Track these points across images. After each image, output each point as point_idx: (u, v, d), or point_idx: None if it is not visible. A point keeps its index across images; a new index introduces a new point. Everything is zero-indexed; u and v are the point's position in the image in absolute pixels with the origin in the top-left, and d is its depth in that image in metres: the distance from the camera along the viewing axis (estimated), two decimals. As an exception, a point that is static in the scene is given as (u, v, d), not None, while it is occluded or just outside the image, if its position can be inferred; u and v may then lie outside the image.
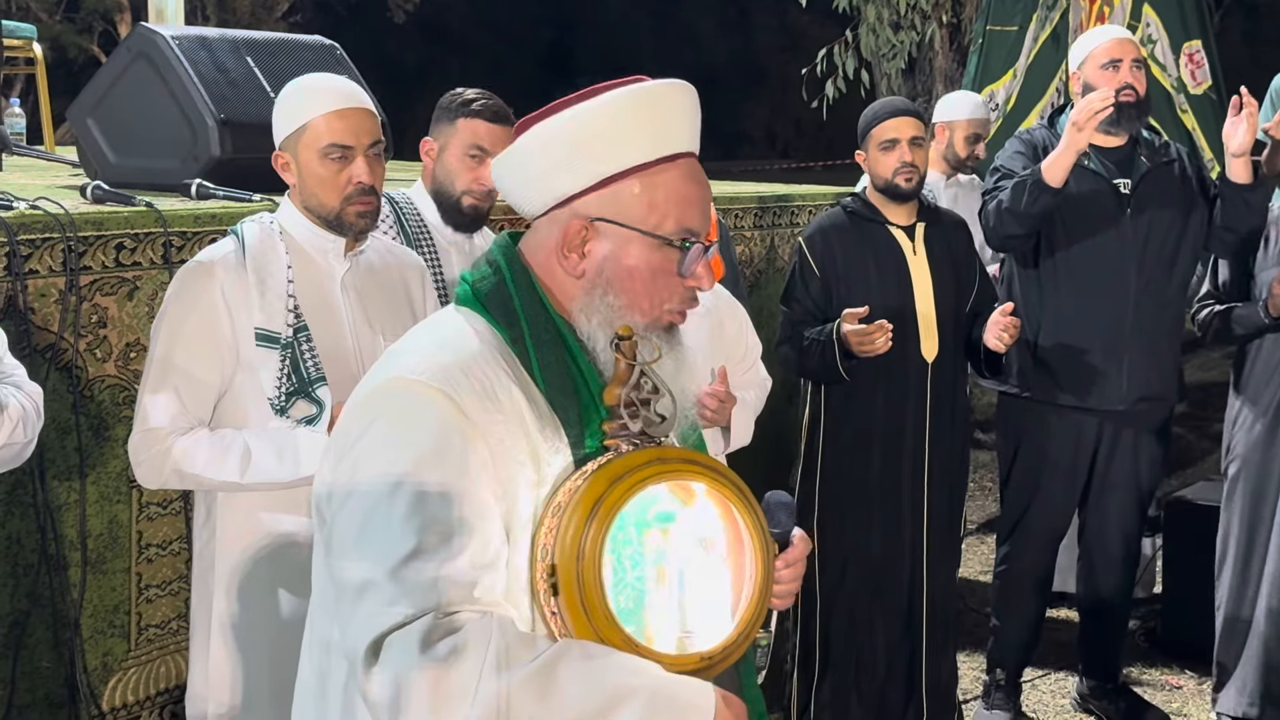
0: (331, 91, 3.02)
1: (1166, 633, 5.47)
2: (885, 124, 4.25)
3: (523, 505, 1.80)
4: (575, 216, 1.88)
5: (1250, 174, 4.42)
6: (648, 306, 1.89)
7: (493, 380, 1.83)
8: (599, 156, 1.87)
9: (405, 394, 1.80)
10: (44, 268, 3.37)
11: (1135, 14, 7.22)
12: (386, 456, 1.78)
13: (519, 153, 1.93)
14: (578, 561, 1.74)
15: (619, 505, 1.76)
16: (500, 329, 1.89)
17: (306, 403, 2.93)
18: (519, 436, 1.81)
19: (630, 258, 1.88)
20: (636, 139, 1.88)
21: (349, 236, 3.06)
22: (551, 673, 1.68)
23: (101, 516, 3.53)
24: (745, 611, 1.87)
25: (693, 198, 1.91)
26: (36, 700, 3.42)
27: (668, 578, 1.85)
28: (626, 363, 1.87)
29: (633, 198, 1.87)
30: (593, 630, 1.74)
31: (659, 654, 1.78)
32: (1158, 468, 4.81)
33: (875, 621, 4.37)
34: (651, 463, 1.81)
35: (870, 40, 9.97)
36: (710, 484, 1.86)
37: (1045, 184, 4.30)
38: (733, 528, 1.89)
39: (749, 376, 3.83)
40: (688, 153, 1.93)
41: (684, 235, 1.89)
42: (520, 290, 1.90)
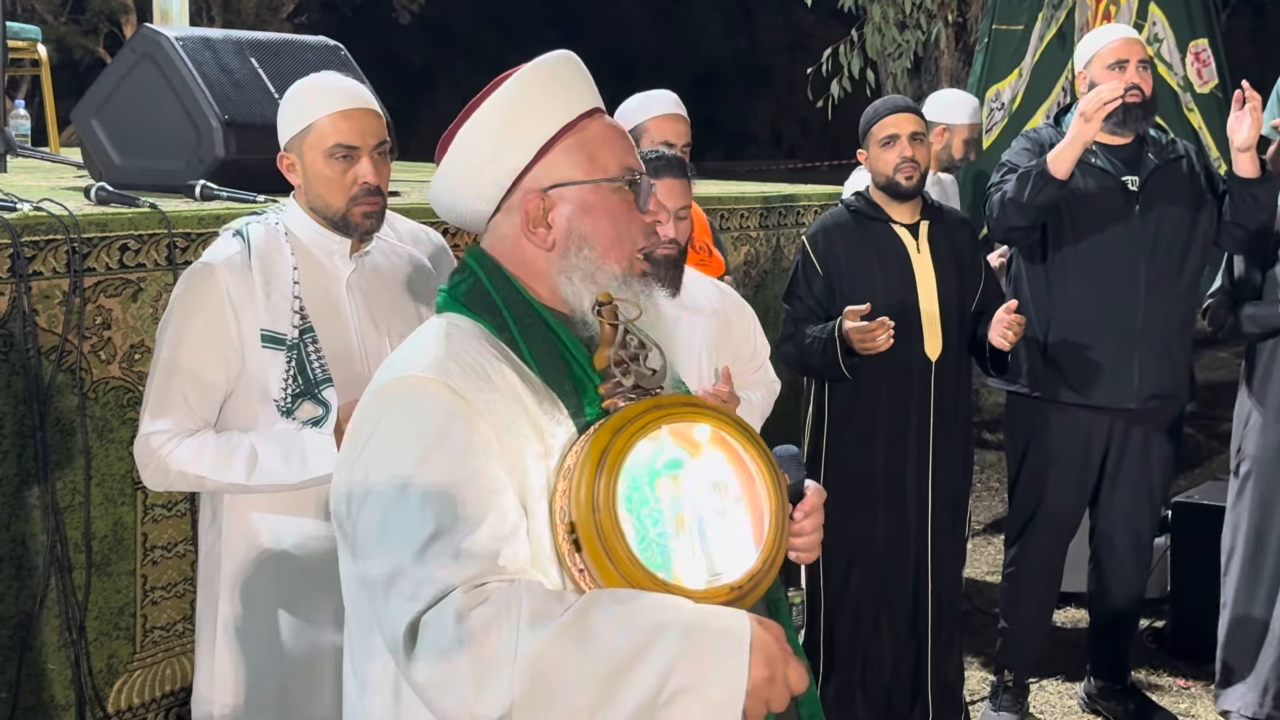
0: (336, 92, 3.02)
1: (1174, 633, 5.46)
2: (885, 120, 4.25)
3: (533, 477, 1.86)
4: (528, 193, 1.99)
5: (1257, 168, 4.41)
6: (620, 251, 1.99)
7: (484, 365, 1.90)
8: (524, 133, 1.99)
9: (404, 390, 1.88)
10: (48, 269, 3.37)
11: (1142, 13, 7.21)
12: (395, 452, 1.84)
13: (450, 164, 2.05)
14: (594, 513, 1.79)
15: (624, 452, 1.82)
16: (484, 322, 1.98)
17: (312, 404, 2.93)
18: (518, 412, 1.88)
19: (592, 209, 1.99)
20: (550, 106, 2.00)
21: (355, 237, 3.05)
22: (585, 620, 1.72)
23: (106, 518, 3.53)
24: (766, 540, 1.91)
25: (622, 141, 2.04)
26: (42, 703, 3.41)
27: (687, 524, 1.89)
28: (609, 324, 1.95)
29: (571, 156, 1.99)
30: (620, 577, 1.78)
31: (689, 590, 1.82)
32: (1169, 466, 4.79)
33: (880, 619, 4.36)
34: (650, 410, 1.88)
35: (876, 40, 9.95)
36: (713, 423, 1.93)
37: (1050, 175, 4.29)
38: (741, 468, 1.94)
39: (757, 377, 3.82)
40: (597, 109, 2.05)
41: (628, 173, 2.01)
42: (496, 283, 1.99)
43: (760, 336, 3.84)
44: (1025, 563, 4.77)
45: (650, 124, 4.43)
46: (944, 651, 4.44)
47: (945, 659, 4.45)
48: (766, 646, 1.76)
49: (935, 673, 4.41)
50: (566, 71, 2.04)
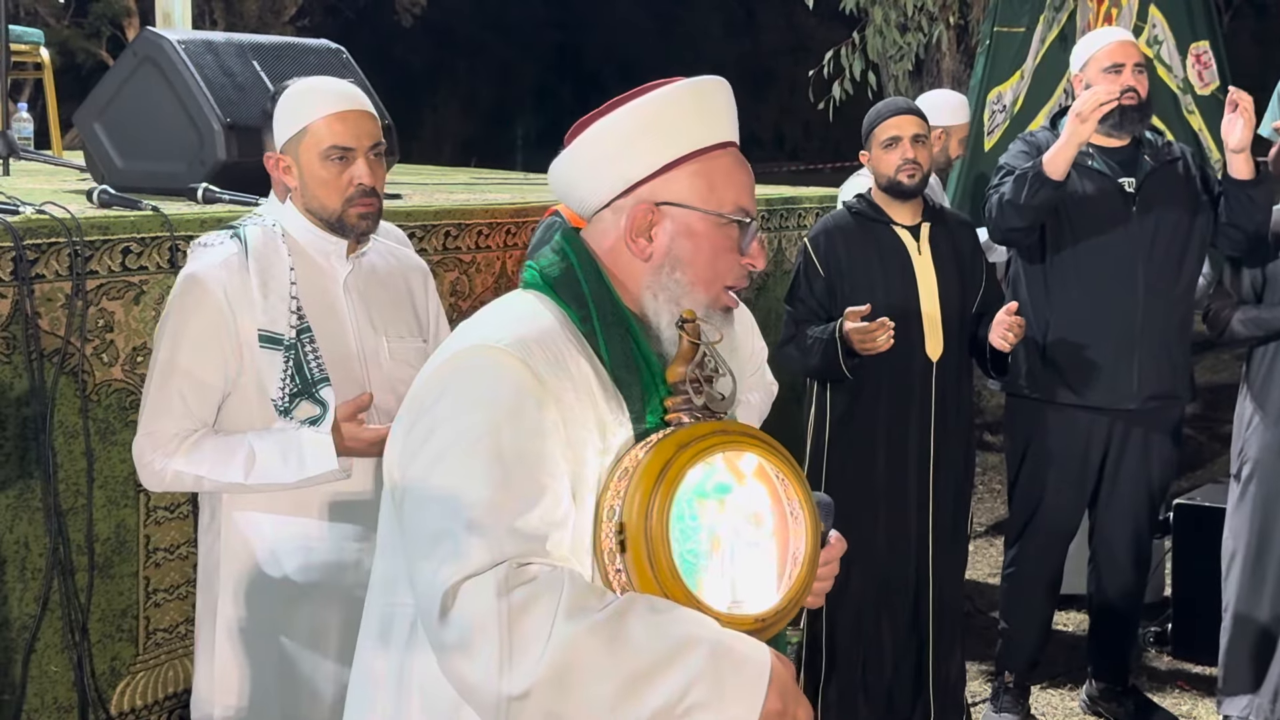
0: (331, 94, 3.03)
1: (1176, 635, 5.46)
2: (887, 122, 4.26)
3: (589, 470, 1.90)
4: (640, 202, 2.00)
5: (1252, 170, 4.43)
6: (709, 283, 2.01)
7: (563, 352, 1.93)
8: (658, 144, 2.00)
9: (482, 358, 1.90)
10: (50, 272, 3.38)
11: (1142, 15, 7.20)
12: (463, 415, 1.87)
13: (579, 150, 2.06)
14: (645, 520, 1.82)
15: (685, 469, 1.85)
16: (569, 310, 1.99)
17: (310, 403, 2.94)
18: (587, 405, 1.91)
19: (696, 236, 2.00)
20: (691, 127, 2.01)
21: (351, 238, 3.06)
22: (620, 621, 1.76)
23: (109, 521, 3.53)
24: (796, 580, 1.95)
25: (744, 180, 2.05)
26: (45, 704, 3.42)
27: (721, 548, 1.93)
28: (690, 341, 1.98)
29: (693, 181, 2.00)
30: (658, 586, 1.82)
31: (718, 613, 1.86)
32: (1169, 467, 4.80)
33: (882, 621, 4.37)
34: (714, 433, 1.91)
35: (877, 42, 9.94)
36: (768, 457, 1.95)
37: (1046, 176, 4.30)
38: (778, 505, 1.97)
39: (755, 380, 3.82)
40: (733, 142, 2.07)
41: (742, 213, 2.02)
42: (588, 276, 2.01)
43: (758, 339, 3.85)
44: (1025, 564, 4.78)
45: None
46: (945, 653, 4.44)
47: (947, 660, 4.45)
48: (783, 681, 1.83)
49: (936, 674, 4.42)
50: (715, 98, 2.05)
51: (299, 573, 2.99)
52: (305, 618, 3.00)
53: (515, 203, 4.74)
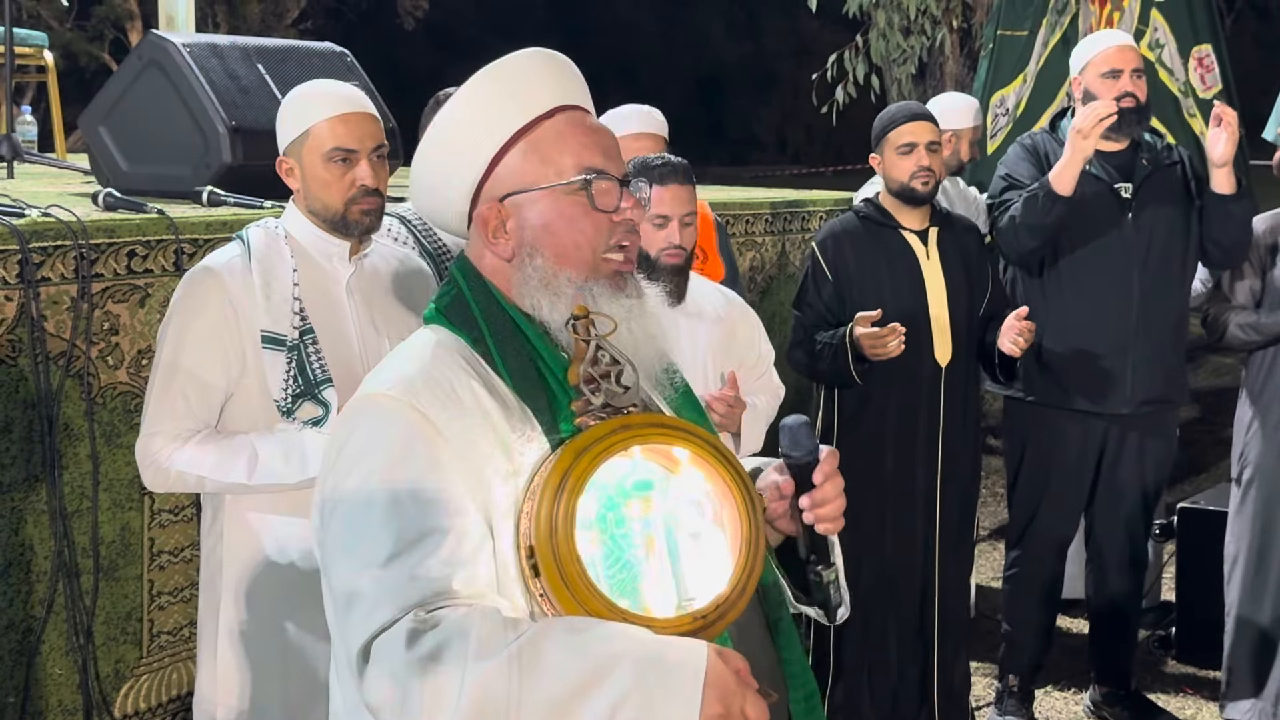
0: (333, 96, 3.05)
1: (1179, 639, 5.46)
2: (903, 128, 4.25)
3: (499, 496, 1.83)
4: (485, 204, 1.96)
5: (1233, 184, 4.45)
6: (576, 255, 1.93)
7: (451, 381, 1.87)
8: (478, 142, 1.95)
9: (370, 408, 1.87)
10: (56, 275, 3.38)
11: (1144, 18, 7.21)
12: (359, 469, 1.83)
13: (418, 179, 2.04)
14: (551, 537, 1.75)
15: (586, 476, 1.78)
16: (462, 334, 1.94)
17: (313, 404, 2.95)
18: (484, 430, 1.85)
19: (541, 215, 1.93)
20: (504, 110, 1.95)
21: (354, 237, 3.07)
22: (535, 650, 1.69)
23: (114, 524, 3.53)
24: (736, 567, 1.85)
25: (582, 139, 1.96)
26: (50, 707, 3.42)
27: (656, 547, 1.85)
28: (581, 340, 1.90)
29: (522, 162, 1.94)
30: (578, 604, 1.74)
31: (650, 619, 1.78)
32: (1164, 471, 4.80)
33: (888, 624, 4.37)
34: (615, 430, 1.83)
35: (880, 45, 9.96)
36: (683, 445, 1.87)
37: (1056, 194, 4.32)
38: (720, 488, 1.89)
39: (761, 383, 3.82)
40: (564, 106, 1.98)
41: (584, 173, 1.93)
42: (476, 295, 1.96)
43: (765, 341, 3.85)
44: (1025, 567, 4.78)
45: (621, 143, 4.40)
46: (951, 657, 4.44)
47: (952, 665, 4.45)
48: (722, 681, 1.71)
49: (941, 678, 4.42)
50: (524, 69, 1.98)
51: (301, 573, 2.99)
52: (307, 619, 3.00)
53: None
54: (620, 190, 1.96)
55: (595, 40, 31.99)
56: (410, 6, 24.25)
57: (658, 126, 4.46)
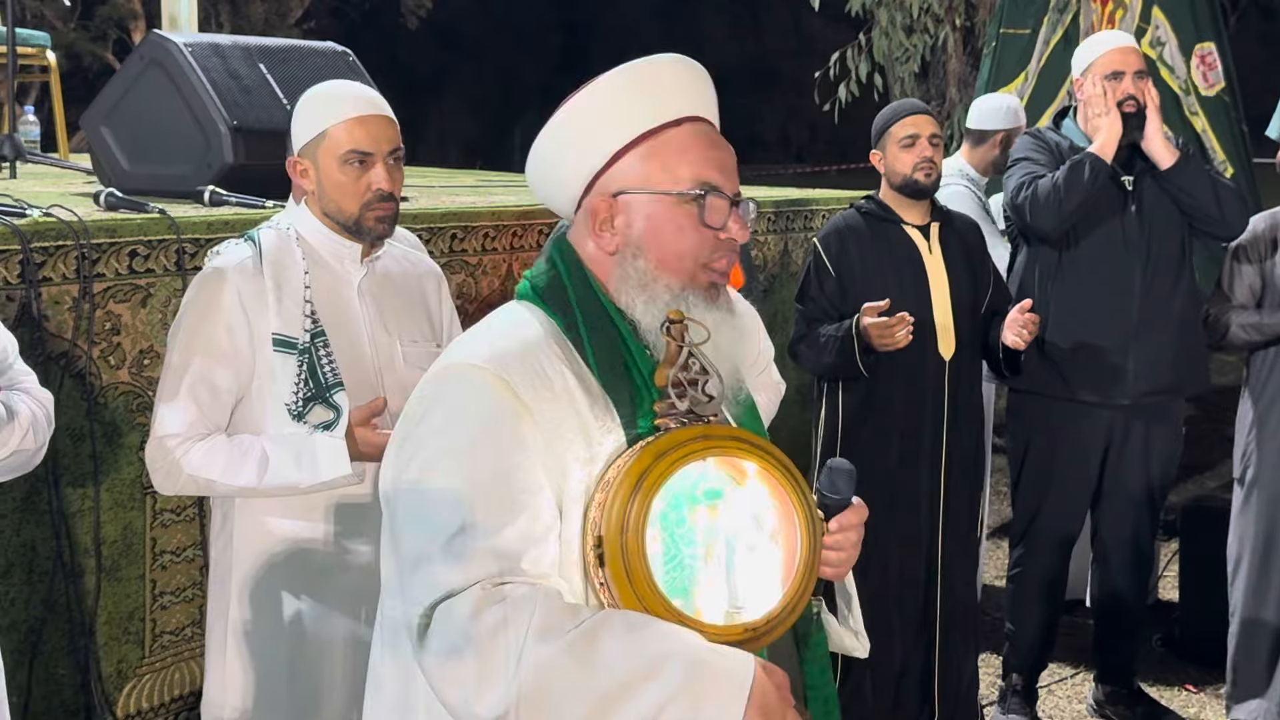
0: (351, 98, 3.03)
1: (1183, 638, 5.45)
2: (905, 121, 4.27)
3: (574, 481, 1.86)
4: (598, 196, 1.98)
5: (1170, 154, 4.48)
6: (678, 264, 1.96)
7: (544, 363, 1.91)
8: (604, 135, 1.98)
9: (459, 377, 1.90)
10: (58, 275, 3.38)
11: (1145, 16, 7.21)
12: (443, 437, 1.87)
13: (537, 155, 2.05)
14: (622, 533, 1.79)
15: (663, 479, 1.82)
16: (556, 317, 1.97)
17: (324, 408, 2.93)
18: (569, 415, 1.88)
19: (652, 219, 1.96)
20: (636, 110, 1.98)
21: (367, 242, 3.06)
22: (593, 640, 1.74)
23: (116, 523, 3.54)
24: (791, 586, 1.90)
25: (704, 153, 1.98)
26: (52, 707, 3.42)
27: (715, 554, 1.90)
28: (675, 344, 1.94)
29: (644, 164, 1.97)
30: (637, 600, 1.79)
31: (703, 624, 1.82)
32: (1170, 465, 4.79)
33: (892, 621, 4.36)
34: (696, 439, 1.87)
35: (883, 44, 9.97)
36: (757, 461, 1.92)
37: (1104, 161, 4.40)
38: (783, 506, 1.93)
39: (762, 380, 3.82)
40: (693, 117, 2.00)
41: (700, 187, 1.96)
42: (574, 281, 1.99)
43: (765, 339, 3.85)
44: (1030, 564, 4.78)
45: None
46: (957, 655, 4.43)
47: (959, 662, 4.44)
48: (766, 695, 1.76)
49: (946, 676, 4.41)
50: (661, 76, 2.00)
51: (310, 577, 2.99)
52: (316, 621, 3.00)
53: (521, 205, 4.74)
54: (730, 210, 1.98)
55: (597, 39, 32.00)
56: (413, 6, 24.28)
57: None
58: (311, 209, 3.06)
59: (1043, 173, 4.48)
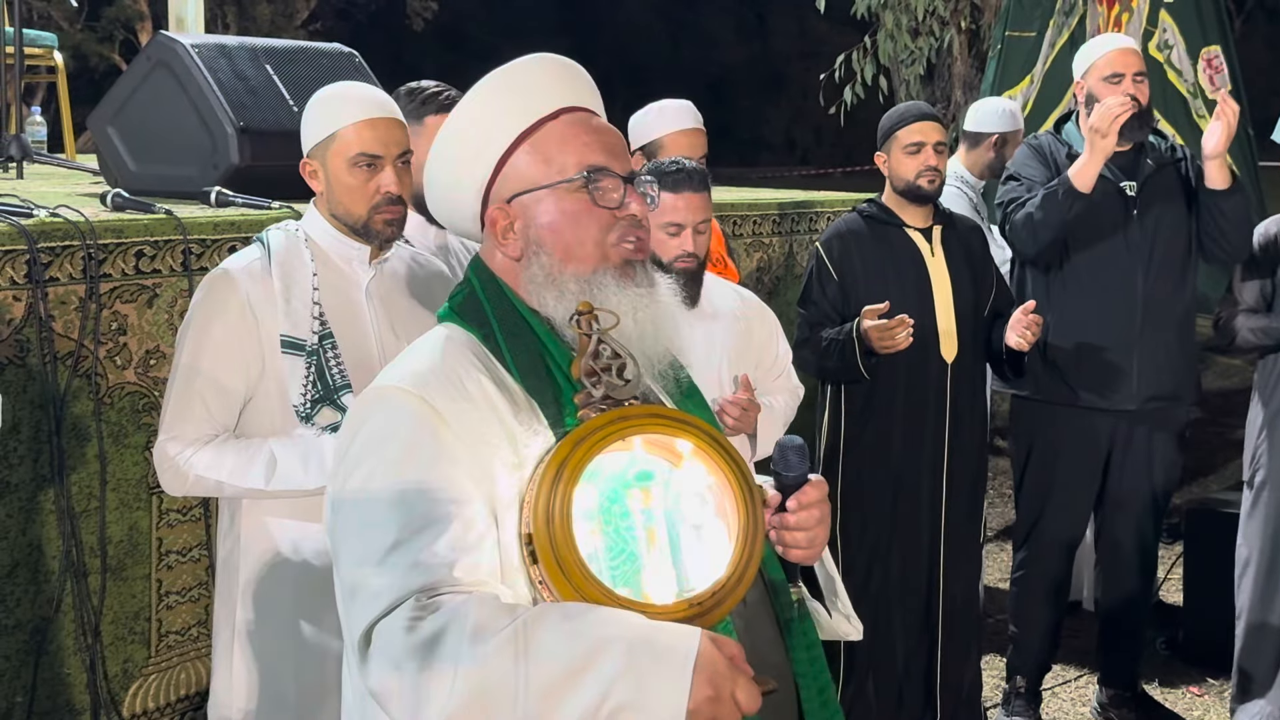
0: (362, 101, 3.03)
1: (1188, 641, 5.45)
2: (911, 127, 4.26)
3: (502, 488, 1.86)
4: (494, 205, 2.01)
5: (1226, 179, 4.45)
6: (581, 251, 1.97)
7: (461, 375, 1.92)
8: (485, 144, 2.01)
9: (382, 399, 1.92)
10: (64, 275, 3.39)
11: (1152, 19, 7.20)
12: (368, 460, 1.88)
13: (430, 183, 2.09)
14: (549, 525, 1.78)
15: (582, 465, 1.81)
16: (473, 331, 2.00)
17: (332, 410, 2.94)
18: (492, 422, 1.89)
19: (546, 213, 1.98)
20: (509, 112, 2.00)
21: (375, 244, 3.07)
22: (528, 634, 1.71)
23: (122, 523, 3.54)
24: (733, 555, 1.86)
25: (584, 139, 1.99)
26: (58, 706, 3.43)
27: (658, 538, 1.87)
28: (584, 334, 1.94)
29: (527, 162, 1.99)
30: (574, 590, 1.77)
31: (645, 605, 1.79)
32: (1173, 470, 4.80)
33: (894, 623, 4.37)
34: (612, 421, 1.86)
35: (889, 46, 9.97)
36: (682, 435, 1.90)
37: (1077, 191, 4.34)
38: (721, 480, 1.90)
39: (780, 383, 3.81)
40: (570, 107, 2.02)
41: (586, 170, 1.97)
42: (488, 294, 2.01)
43: (783, 342, 3.84)
44: (1033, 566, 4.78)
45: (668, 140, 4.41)
46: (959, 656, 4.43)
47: (961, 664, 4.45)
48: (712, 664, 1.71)
49: (948, 678, 4.41)
50: (530, 73, 2.03)
51: (316, 578, 2.99)
52: (322, 622, 3.00)
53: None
54: (625, 187, 1.99)
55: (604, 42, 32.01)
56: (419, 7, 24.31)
57: (698, 120, 4.50)
58: (320, 210, 3.06)
59: (1027, 196, 4.48)
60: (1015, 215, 4.49)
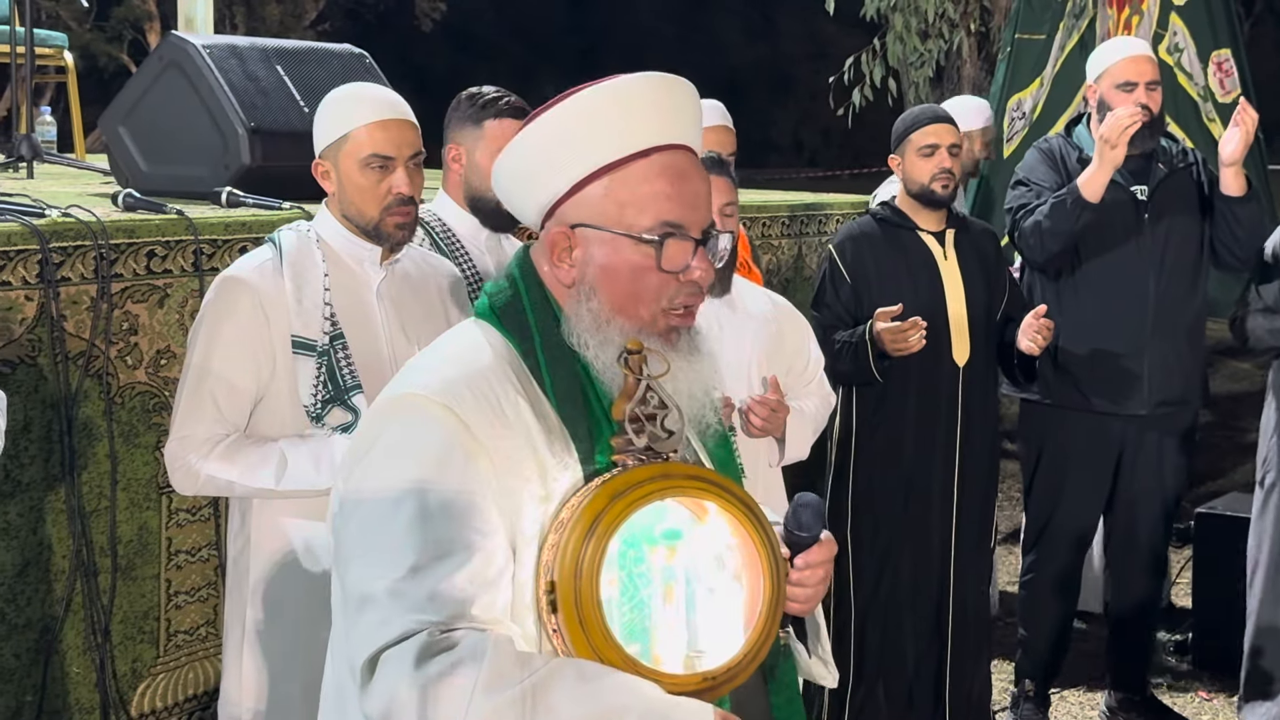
0: (374, 101, 3.03)
1: (1197, 645, 5.44)
2: (926, 129, 4.26)
3: (527, 522, 1.79)
4: (557, 224, 1.88)
5: (1241, 186, 4.46)
6: (633, 309, 1.85)
7: (499, 395, 1.82)
8: (568, 160, 1.86)
9: (411, 409, 1.81)
10: (76, 275, 3.39)
11: (1163, 22, 7.19)
12: (391, 470, 1.78)
13: (505, 168, 1.95)
14: (575, 579, 1.72)
15: (618, 522, 1.74)
16: (513, 341, 1.88)
17: (342, 410, 2.94)
18: (525, 452, 1.80)
19: (607, 259, 1.85)
20: (602, 138, 1.85)
21: (386, 246, 3.07)
22: (544, 692, 1.66)
23: (131, 523, 3.55)
24: (753, 633, 1.82)
25: (667, 190, 1.85)
26: (67, 705, 3.43)
27: (675, 596, 1.82)
28: (634, 377, 1.84)
29: (602, 198, 1.85)
30: (590, 648, 1.72)
31: (660, 673, 1.75)
32: (1183, 475, 4.80)
33: (904, 625, 4.36)
34: (655, 479, 1.78)
35: (898, 48, 9.95)
36: (718, 502, 1.83)
37: (1085, 201, 4.34)
38: (746, 546, 1.85)
39: (811, 388, 3.78)
40: (665, 145, 1.87)
41: (662, 230, 1.84)
42: (533, 302, 1.89)
43: (815, 348, 3.80)
44: (1042, 570, 4.78)
45: None
46: (969, 661, 4.43)
47: (971, 668, 4.44)
48: None
49: (958, 681, 4.41)
50: (637, 100, 1.86)
51: (328, 578, 2.98)
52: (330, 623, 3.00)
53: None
54: (694, 249, 1.86)
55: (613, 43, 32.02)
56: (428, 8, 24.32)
57: (727, 118, 4.48)
58: (331, 211, 3.07)
59: (1036, 203, 4.48)
60: (1024, 223, 4.49)
